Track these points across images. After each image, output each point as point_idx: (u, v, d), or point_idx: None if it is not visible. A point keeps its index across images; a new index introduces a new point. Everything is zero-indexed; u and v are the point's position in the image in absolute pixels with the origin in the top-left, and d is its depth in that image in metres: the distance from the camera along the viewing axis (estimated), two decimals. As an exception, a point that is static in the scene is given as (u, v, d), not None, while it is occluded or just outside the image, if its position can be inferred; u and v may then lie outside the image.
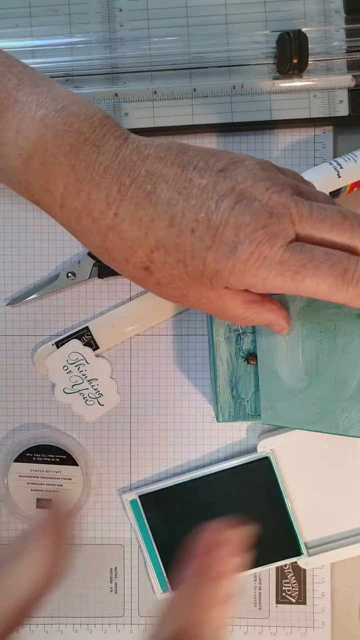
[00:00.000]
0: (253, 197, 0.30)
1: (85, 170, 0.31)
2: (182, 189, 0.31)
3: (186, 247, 0.30)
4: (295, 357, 0.38)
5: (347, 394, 0.36)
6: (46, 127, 0.32)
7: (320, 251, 0.30)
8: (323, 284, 0.29)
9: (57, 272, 0.45)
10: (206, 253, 0.30)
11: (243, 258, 0.29)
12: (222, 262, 0.30)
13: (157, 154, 0.32)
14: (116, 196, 0.31)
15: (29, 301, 0.45)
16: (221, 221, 0.30)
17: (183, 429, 0.45)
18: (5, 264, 0.46)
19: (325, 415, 0.37)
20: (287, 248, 0.30)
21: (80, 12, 0.44)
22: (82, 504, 0.46)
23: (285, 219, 0.30)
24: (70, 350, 0.45)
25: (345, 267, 0.29)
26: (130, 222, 0.31)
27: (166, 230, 0.30)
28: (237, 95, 0.44)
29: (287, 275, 0.30)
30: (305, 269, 0.29)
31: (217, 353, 0.42)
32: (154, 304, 0.45)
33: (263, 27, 0.44)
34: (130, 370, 0.46)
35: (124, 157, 0.31)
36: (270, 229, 0.29)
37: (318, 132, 0.45)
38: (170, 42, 0.44)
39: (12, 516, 0.46)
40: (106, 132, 0.32)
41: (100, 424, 0.46)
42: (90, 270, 0.45)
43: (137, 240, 0.31)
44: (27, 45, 0.44)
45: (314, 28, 0.43)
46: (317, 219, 0.30)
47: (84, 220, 0.32)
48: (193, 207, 0.30)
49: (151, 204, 0.31)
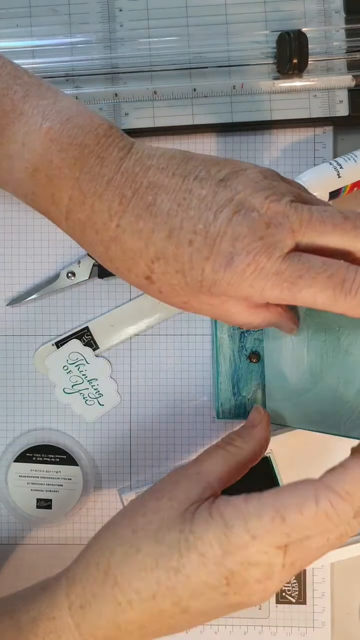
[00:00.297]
0: (252, 207, 0.30)
1: (89, 182, 0.32)
2: (182, 200, 0.31)
3: (184, 258, 0.31)
4: (301, 358, 0.38)
5: (350, 395, 0.36)
6: (52, 140, 0.32)
7: (318, 261, 0.29)
8: (320, 295, 0.29)
9: (57, 272, 0.45)
10: (204, 264, 0.30)
11: (239, 269, 0.29)
12: (220, 273, 0.30)
13: (159, 164, 0.32)
14: (118, 208, 0.31)
15: (29, 301, 0.45)
16: (219, 232, 0.30)
17: (183, 429, 0.45)
18: (5, 264, 0.46)
19: (327, 416, 0.37)
20: (284, 259, 0.29)
21: (80, 12, 0.44)
22: (82, 504, 0.46)
23: (284, 229, 0.30)
24: (70, 350, 0.45)
25: (344, 277, 0.29)
26: (131, 234, 0.31)
27: (165, 242, 0.31)
28: (237, 95, 0.44)
29: (284, 286, 0.29)
30: (302, 280, 0.29)
31: (220, 350, 0.42)
32: (154, 304, 0.45)
33: (263, 27, 0.44)
34: (130, 370, 0.46)
35: (127, 169, 0.32)
36: (267, 240, 0.29)
37: (318, 132, 0.45)
38: (170, 42, 0.44)
39: (12, 516, 0.46)
40: (110, 144, 0.32)
41: (100, 424, 0.46)
42: (91, 270, 0.45)
43: (138, 251, 0.31)
44: (27, 45, 0.44)
45: (314, 28, 0.43)
46: (318, 222, 0.30)
47: (88, 232, 0.32)
48: (191, 219, 0.30)
49: (151, 215, 0.31)
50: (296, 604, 0.45)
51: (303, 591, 0.45)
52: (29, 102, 0.33)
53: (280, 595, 0.45)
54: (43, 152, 0.32)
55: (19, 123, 0.32)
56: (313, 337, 0.38)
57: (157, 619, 0.32)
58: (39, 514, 0.45)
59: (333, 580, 0.45)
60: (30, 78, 0.34)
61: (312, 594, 0.45)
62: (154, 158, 0.32)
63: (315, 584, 0.45)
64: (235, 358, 0.42)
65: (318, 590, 0.45)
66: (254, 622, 0.45)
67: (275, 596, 0.45)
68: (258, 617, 0.45)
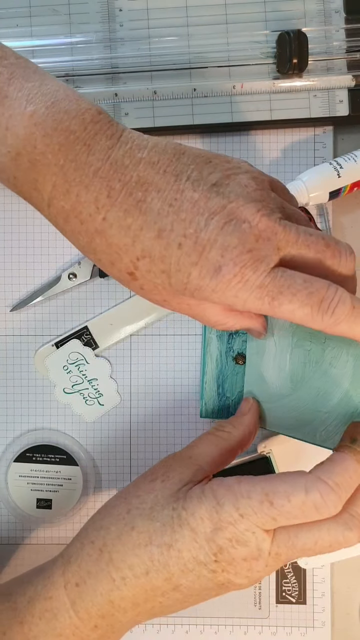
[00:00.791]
0: (243, 218, 0.30)
1: (74, 171, 0.31)
2: (174, 200, 0.31)
3: (172, 260, 0.31)
4: (283, 364, 0.38)
5: (328, 406, 0.36)
6: (35, 124, 0.31)
7: (300, 279, 0.30)
8: (299, 311, 0.30)
9: (58, 274, 0.45)
10: (191, 269, 0.30)
11: (226, 279, 0.30)
12: (206, 279, 0.30)
13: (150, 158, 0.31)
14: (106, 201, 0.31)
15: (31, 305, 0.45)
16: (209, 240, 0.30)
17: (183, 429, 0.45)
18: (5, 271, 0.46)
19: (304, 423, 0.37)
20: (269, 273, 0.30)
21: (80, 12, 0.44)
22: (82, 504, 0.46)
23: (271, 245, 0.30)
24: (70, 350, 0.45)
25: (323, 296, 0.30)
26: (118, 229, 0.31)
27: (154, 241, 0.31)
28: (237, 95, 0.44)
29: (266, 300, 0.30)
30: (282, 296, 0.30)
31: (207, 350, 0.42)
32: (154, 304, 0.45)
33: (263, 27, 0.44)
34: (130, 370, 0.46)
35: (115, 160, 0.31)
36: (255, 254, 0.30)
37: (318, 132, 0.45)
38: (170, 42, 0.44)
39: (12, 516, 0.46)
40: (98, 131, 0.31)
41: (100, 424, 0.46)
42: (92, 270, 0.45)
43: (124, 246, 0.31)
44: (27, 45, 0.44)
45: (314, 28, 0.43)
46: (303, 245, 0.31)
47: (72, 221, 0.32)
48: (182, 222, 0.30)
49: (141, 212, 0.31)
50: (296, 604, 0.45)
51: (303, 591, 0.45)
52: (13, 84, 0.32)
53: (280, 595, 0.45)
54: (26, 136, 0.31)
55: (3, 107, 0.32)
56: (298, 344, 0.38)
57: (149, 596, 0.33)
58: (39, 514, 0.45)
59: (333, 580, 0.45)
60: (17, 60, 0.33)
61: (312, 594, 0.45)
62: (144, 150, 0.31)
63: (315, 584, 0.45)
64: (222, 359, 0.42)
65: (318, 590, 0.45)
66: (254, 622, 0.45)
67: (275, 596, 0.45)
68: (258, 617, 0.45)
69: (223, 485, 0.32)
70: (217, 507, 0.31)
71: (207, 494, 0.32)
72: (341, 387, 0.36)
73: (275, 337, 0.38)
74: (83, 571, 0.34)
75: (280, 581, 0.45)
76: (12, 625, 0.34)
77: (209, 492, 0.32)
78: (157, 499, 0.33)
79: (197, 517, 0.32)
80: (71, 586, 0.34)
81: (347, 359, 0.36)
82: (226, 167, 0.32)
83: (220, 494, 0.32)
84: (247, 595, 0.45)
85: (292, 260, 0.31)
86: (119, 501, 0.35)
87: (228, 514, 0.31)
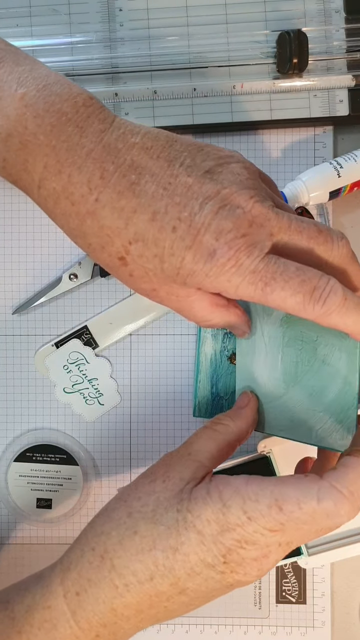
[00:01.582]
0: (237, 204, 0.30)
1: (66, 151, 0.30)
2: (168, 184, 0.30)
3: (165, 243, 0.30)
4: (274, 363, 0.38)
5: (323, 405, 0.36)
6: (26, 106, 0.31)
7: (293, 266, 0.30)
8: (290, 299, 0.30)
9: (59, 275, 0.45)
10: (185, 252, 0.30)
11: (220, 262, 0.30)
12: (200, 263, 0.30)
13: (143, 143, 0.31)
14: (98, 182, 0.30)
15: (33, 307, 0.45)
16: (203, 223, 0.30)
17: (183, 429, 0.45)
18: (5, 271, 0.46)
19: (299, 423, 0.37)
20: (262, 259, 0.30)
21: (80, 12, 0.44)
22: (82, 504, 0.46)
23: (265, 231, 0.30)
24: (71, 350, 0.45)
25: (315, 285, 0.30)
26: (111, 210, 0.30)
27: (147, 224, 0.30)
28: (237, 95, 0.44)
29: (258, 285, 0.30)
30: (274, 282, 0.30)
31: (202, 349, 0.42)
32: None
33: (263, 26, 0.44)
34: (130, 370, 0.46)
35: (109, 143, 0.31)
36: (249, 238, 0.30)
37: (318, 131, 0.45)
38: (170, 41, 0.44)
39: (12, 516, 0.46)
40: (90, 114, 0.31)
41: (100, 424, 0.46)
42: (92, 270, 0.45)
43: (117, 229, 0.31)
44: (27, 45, 0.44)
45: (314, 28, 0.43)
46: (296, 231, 0.31)
47: (63, 203, 0.31)
48: (177, 205, 0.30)
49: (134, 194, 0.30)
50: (296, 603, 0.45)
51: (303, 591, 0.45)
52: (3, 68, 0.32)
53: (280, 595, 0.45)
54: (17, 117, 0.31)
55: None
56: (289, 343, 0.37)
57: (154, 601, 0.32)
58: (39, 513, 0.45)
59: (333, 580, 0.45)
60: (7, 46, 0.33)
61: (312, 594, 0.45)
62: (137, 136, 0.31)
63: (315, 583, 0.45)
64: (216, 358, 0.42)
65: (318, 590, 0.45)
66: (254, 622, 0.45)
67: (275, 596, 0.45)
68: (258, 617, 0.45)
69: (230, 487, 0.31)
70: (223, 510, 0.30)
71: (213, 496, 0.31)
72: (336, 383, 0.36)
73: (265, 337, 0.38)
74: (83, 579, 0.33)
75: (280, 581, 0.45)
76: (10, 635, 0.33)
77: (214, 493, 0.31)
78: (160, 501, 0.32)
79: (203, 519, 0.31)
80: (71, 595, 0.33)
81: (340, 355, 0.36)
82: (219, 155, 0.32)
83: (227, 496, 0.31)
84: (247, 595, 0.45)
85: (285, 247, 0.31)
86: (118, 504, 0.34)
87: (235, 516, 0.30)
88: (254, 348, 0.39)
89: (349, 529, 0.44)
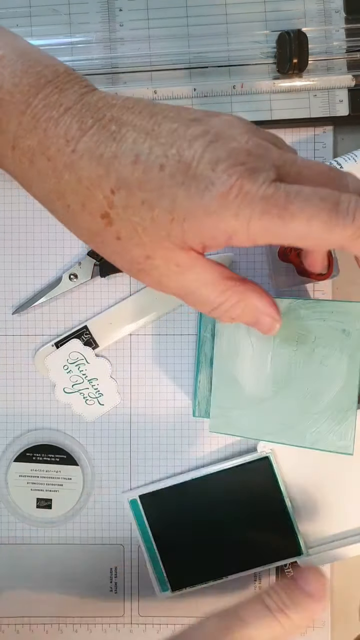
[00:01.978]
0: (231, 137, 0.27)
1: (43, 108, 0.29)
2: (151, 130, 0.27)
3: (153, 184, 0.27)
4: (263, 365, 0.37)
5: (319, 406, 0.36)
6: (4, 67, 0.29)
7: (307, 188, 0.26)
8: (315, 220, 0.26)
9: (59, 275, 0.45)
10: (176, 190, 0.26)
11: (221, 192, 0.26)
12: (196, 199, 0.26)
13: (124, 103, 0.29)
14: (76, 133, 0.28)
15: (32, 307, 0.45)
16: (194, 156, 0.26)
17: (183, 429, 0.45)
18: (5, 272, 0.46)
19: (290, 426, 0.37)
20: (270, 184, 0.26)
21: (80, 12, 0.44)
22: (82, 504, 0.46)
23: (267, 160, 0.27)
24: (71, 350, 0.45)
25: (338, 199, 0.26)
26: (89, 159, 0.27)
27: (130, 167, 0.27)
28: (237, 95, 0.44)
29: (274, 212, 0.26)
30: (292, 205, 0.26)
31: (202, 349, 0.42)
32: (152, 299, 0.45)
33: (263, 26, 0.44)
34: (130, 370, 0.46)
35: (88, 102, 0.29)
36: (250, 165, 0.26)
37: (318, 131, 0.45)
38: (170, 42, 0.44)
39: (12, 516, 0.46)
40: (70, 80, 0.29)
41: (100, 424, 0.46)
42: (92, 269, 0.45)
43: (97, 179, 0.27)
44: (27, 45, 0.44)
45: (314, 28, 0.43)
46: (303, 165, 0.27)
47: (38, 160, 0.29)
48: (162, 145, 0.27)
49: (115, 141, 0.27)
50: (296, 604, 0.45)
51: (303, 591, 0.45)
52: None
53: (280, 595, 0.45)
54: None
55: None
56: (281, 345, 0.37)
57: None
58: (39, 514, 0.45)
59: (333, 580, 0.45)
60: None
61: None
62: (119, 99, 0.29)
63: (315, 584, 0.45)
64: None
65: (318, 590, 0.45)
66: (254, 622, 0.45)
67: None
68: (258, 617, 0.45)
69: None
70: None
71: None
72: (334, 385, 0.36)
73: (252, 337, 0.38)
74: None
75: (280, 581, 0.45)
76: None
77: None
78: None
79: None
80: None
81: (340, 356, 0.36)
82: (207, 112, 0.29)
83: None
84: (248, 595, 0.45)
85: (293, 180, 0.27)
86: None
87: None
88: (237, 349, 0.38)
89: (349, 529, 0.44)
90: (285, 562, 0.44)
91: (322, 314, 0.36)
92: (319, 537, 0.44)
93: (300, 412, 0.37)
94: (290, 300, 0.37)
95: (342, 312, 0.36)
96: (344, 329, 0.36)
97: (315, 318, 0.37)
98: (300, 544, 0.43)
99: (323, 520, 0.44)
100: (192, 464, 0.45)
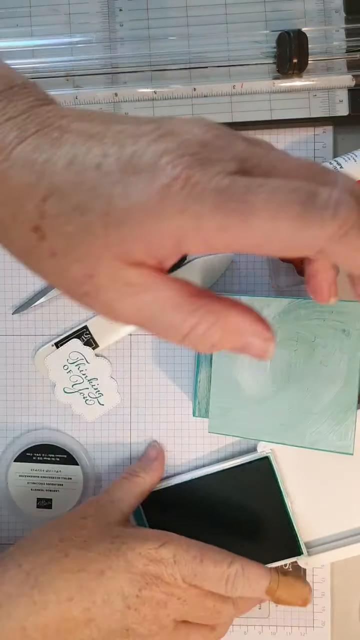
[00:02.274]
0: (185, 132, 0.23)
1: None
2: (96, 133, 0.24)
3: (86, 185, 0.23)
4: (262, 365, 0.37)
5: (319, 406, 0.36)
6: None
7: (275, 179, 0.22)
8: (283, 214, 0.20)
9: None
10: (111, 188, 0.22)
11: (163, 183, 0.21)
12: (133, 195, 0.22)
13: (79, 114, 0.25)
14: (13, 140, 0.24)
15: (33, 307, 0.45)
16: (136, 151, 0.22)
17: (183, 429, 0.45)
18: (5, 272, 0.46)
19: (291, 427, 0.37)
20: (227, 175, 0.21)
21: (80, 12, 0.44)
22: (82, 503, 0.45)
23: (227, 152, 0.22)
24: (71, 350, 0.45)
25: (315, 190, 0.21)
26: (22, 166, 0.24)
27: (63, 170, 0.23)
28: (237, 95, 0.44)
29: (230, 206, 0.21)
30: (254, 196, 0.21)
31: None
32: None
33: (263, 26, 0.44)
34: (130, 370, 0.46)
35: (37, 112, 0.25)
36: (202, 156, 0.22)
37: (318, 131, 0.45)
38: (170, 42, 0.44)
39: (12, 516, 0.46)
40: (27, 92, 0.26)
41: (100, 424, 0.46)
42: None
43: (28, 187, 0.23)
44: (27, 45, 0.44)
45: (314, 28, 0.43)
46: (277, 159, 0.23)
47: None
48: (104, 145, 0.23)
49: (52, 146, 0.24)
50: (296, 603, 0.45)
51: (303, 591, 0.45)
52: None
53: (280, 595, 0.45)
54: None
55: None
56: (281, 345, 0.37)
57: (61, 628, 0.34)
58: (39, 513, 0.45)
59: (333, 580, 0.45)
60: None
61: (312, 594, 0.45)
62: (76, 111, 0.25)
63: (315, 583, 0.45)
64: None
65: (318, 590, 0.45)
66: (254, 622, 0.45)
67: (275, 596, 0.45)
68: (258, 617, 0.45)
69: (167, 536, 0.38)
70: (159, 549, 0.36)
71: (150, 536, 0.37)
72: (335, 385, 0.36)
73: None
74: (2, 594, 0.34)
75: (280, 581, 0.45)
76: None
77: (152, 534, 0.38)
78: (92, 534, 0.37)
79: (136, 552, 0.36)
80: None
81: (340, 356, 0.36)
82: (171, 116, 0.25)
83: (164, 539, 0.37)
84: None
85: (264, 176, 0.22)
86: (50, 532, 0.37)
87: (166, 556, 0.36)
88: None
89: (349, 529, 0.44)
90: (285, 562, 0.44)
91: (322, 313, 0.37)
92: (319, 537, 0.44)
93: (300, 412, 0.37)
94: (290, 300, 0.37)
95: (342, 312, 0.36)
96: (344, 329, 0.36)
97: (315, 318, 0.37)
98: (300, 544, 0.43)
99: (323, 520, 0.44)
100: (192, 464, 0.45)
